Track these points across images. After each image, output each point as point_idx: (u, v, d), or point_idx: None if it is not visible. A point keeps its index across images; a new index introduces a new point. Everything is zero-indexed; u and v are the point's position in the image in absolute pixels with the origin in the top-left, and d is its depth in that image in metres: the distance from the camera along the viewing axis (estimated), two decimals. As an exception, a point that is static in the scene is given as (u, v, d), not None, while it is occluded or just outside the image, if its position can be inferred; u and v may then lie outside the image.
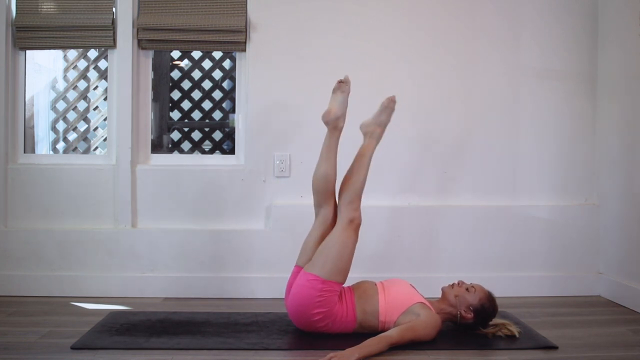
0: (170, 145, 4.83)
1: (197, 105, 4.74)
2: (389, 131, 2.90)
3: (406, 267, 3.44)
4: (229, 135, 4.77)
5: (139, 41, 3.47)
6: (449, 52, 3.56)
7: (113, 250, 3.40)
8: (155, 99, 4.67)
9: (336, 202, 2.81)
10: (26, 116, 3.60)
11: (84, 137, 4.52)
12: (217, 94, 4.85)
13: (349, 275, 2.77)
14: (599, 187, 3.59)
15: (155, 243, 3.42)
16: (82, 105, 4.50)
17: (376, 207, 3.43)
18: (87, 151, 4.53)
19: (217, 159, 3.83)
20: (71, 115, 4.43)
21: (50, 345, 2.51)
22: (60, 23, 3.41)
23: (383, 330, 2.59)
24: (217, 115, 4.83)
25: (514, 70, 3.59)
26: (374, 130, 2.82)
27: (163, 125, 4.82)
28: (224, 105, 4.88)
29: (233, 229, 3.46)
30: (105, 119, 4.29)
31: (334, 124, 2.76)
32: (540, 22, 3.58)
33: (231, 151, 4.06)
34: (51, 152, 4.34)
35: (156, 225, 3.47)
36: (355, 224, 2.67)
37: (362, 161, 2.77)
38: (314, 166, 2.80)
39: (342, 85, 2.78)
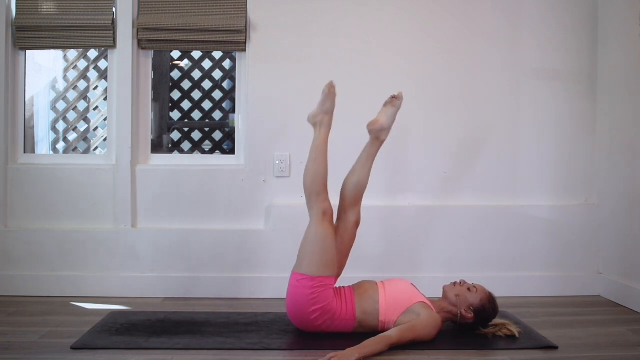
0: (170, 145, 4.83)
1: (197, 105, 4.74)
2: (390, 131, 2.89)
3: (406, 267, 3.44)
4: (229, 135, 4.77)
5: (139, 41, 3.47)
6: (449, 52, 3.55)
7: (113, 250, 3.40)
8: (155, 99, 4.67)
9: (359, 206, 2.87)
10: (26, 116, 3.60)
11: (84, 137, 4.52)
12: (217, 94, 4.84)
13: (349, 275, 2.78)
14: (599, 187, 3.59)
15: (155, 243, 3.42)
16: (82, 105, 4.50)
17: (376, 207, 3.43)
18: (87, 151, 4.53)
19: (217, 159, 3.83)
20: (71, 115, 4.43)
21: (50, 345, 2.51)
22: (60, 23, 3.41)
23: (382, 330, 2.59)
24: (217, 115, 4.82)
25: (514, 70, 3.58)
26: (322, 119, 2.82)
27: (163, 125, 4.82)
28: (224, 105, 4.88)
29: (233, 229, 3.46)
30: (105, 119, 4.29)
31: (377, 135, 2.85)
32: (540, 22, 3.58)
33: (231, 151, 4.06)
34: (51, 152, 4.34)
35: (156, 225, 3.47)
36: (328, 215, 2.71)
37: (320, 152, 2.79)
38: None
39: (394, 100, 2.87)
